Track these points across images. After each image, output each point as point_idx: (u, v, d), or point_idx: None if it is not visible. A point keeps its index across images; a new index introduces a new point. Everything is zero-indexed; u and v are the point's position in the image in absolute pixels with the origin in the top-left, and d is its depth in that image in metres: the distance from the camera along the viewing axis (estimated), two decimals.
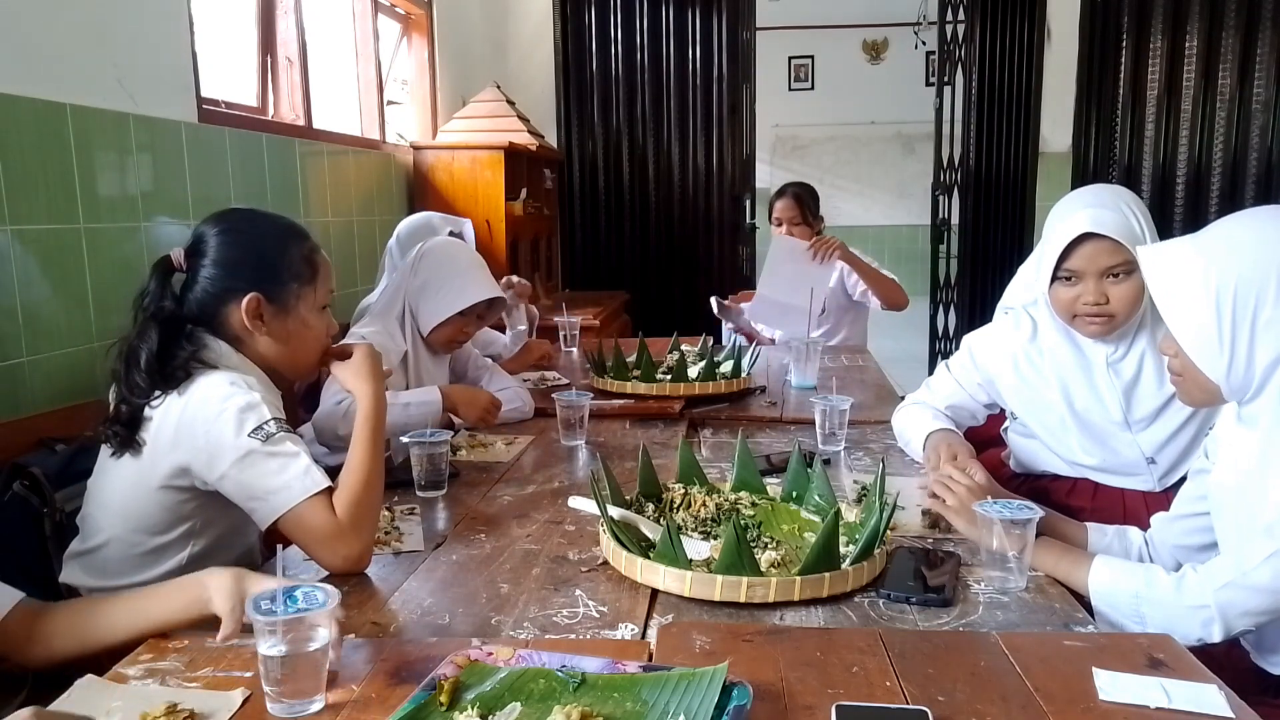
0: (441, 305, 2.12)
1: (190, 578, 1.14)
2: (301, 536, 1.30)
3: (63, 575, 1.44)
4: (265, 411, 1.32)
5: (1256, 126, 4.74)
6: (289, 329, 1.48)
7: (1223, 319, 1.21)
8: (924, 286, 5.58)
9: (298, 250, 1.51)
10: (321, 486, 1.30)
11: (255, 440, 1.30)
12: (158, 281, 1.42)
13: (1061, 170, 5.03)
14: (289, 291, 1.47)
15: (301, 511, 1.28)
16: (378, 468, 1.39)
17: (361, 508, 1.32)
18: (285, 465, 1.30)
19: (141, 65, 2.28)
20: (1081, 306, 1.66)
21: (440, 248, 2.23)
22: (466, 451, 1.96)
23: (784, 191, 3.51)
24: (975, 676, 1.00)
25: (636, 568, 1.26)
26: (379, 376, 1.50)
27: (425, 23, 4.23)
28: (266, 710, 0.94)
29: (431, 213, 2.88)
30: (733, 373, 2.43)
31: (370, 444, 1.39)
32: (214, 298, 1.43)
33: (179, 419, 1.33)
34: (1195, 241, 1.26)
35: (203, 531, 1.42)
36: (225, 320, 1.44)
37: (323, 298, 1.54)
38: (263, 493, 1.30)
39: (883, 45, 9.98)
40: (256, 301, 1.43)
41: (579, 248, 5.42)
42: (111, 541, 1.40)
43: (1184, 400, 1.39)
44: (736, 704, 0.90)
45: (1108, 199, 1.66)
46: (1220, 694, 0.95)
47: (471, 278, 2.18)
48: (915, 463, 1.87)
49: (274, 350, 1.47)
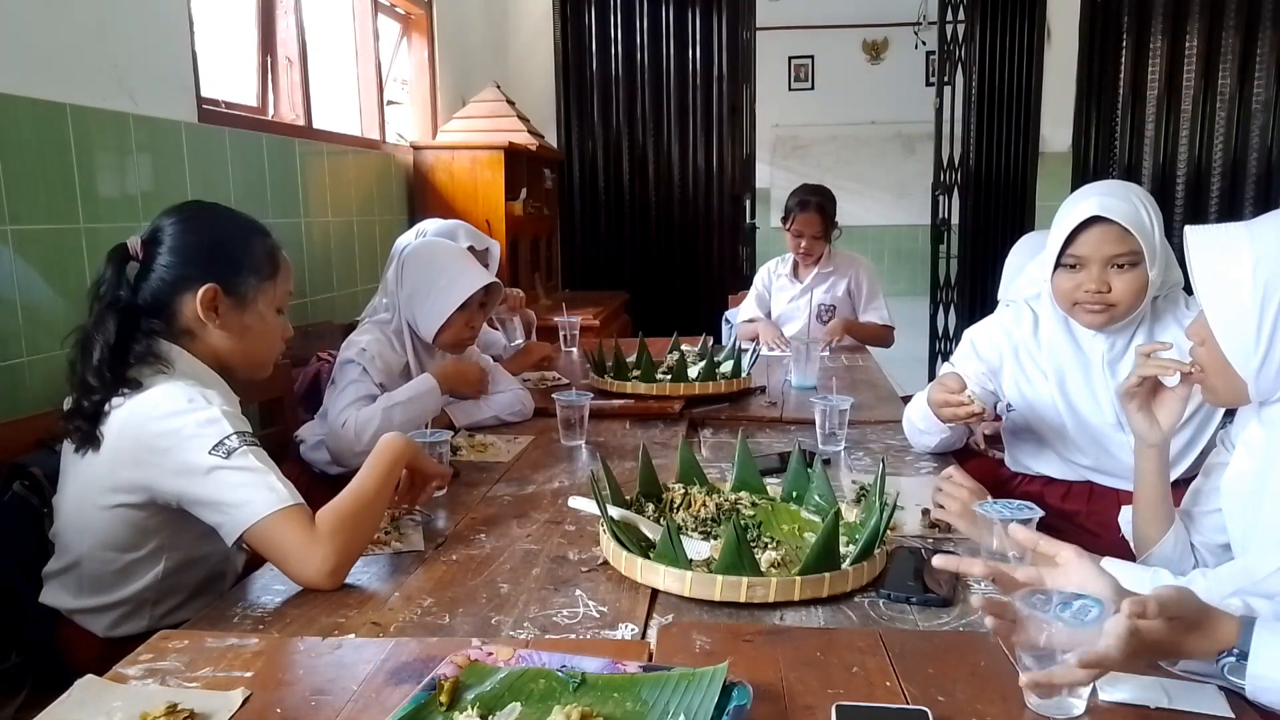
0: (437, 307, 2.08)
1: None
2: (269, 551, 1.26)
3: (42, 595, 1.42)
4: (226, 426, 1.28)
5: (1256, 126, 4.74)
6: (244, 323, 1.44)
7: (1265, 313, 1.16)
8: (924, 286, 5.59)
9: (260, 245, 1.47)
10: (287, 503, 1.25)
11: (217, 457, 1.25)
12: (114, 270, 1.38)
13: (1061, 170, 5.03)
14: (247, 285, 1.43)
15: (267, 526, 1.24)
16: (373, 495, 1.34)
17: (345, 523, 1.27)
18: (248, 480, 1.25)
19: (141, 65, 2.28)
20: (1082, 294, 1.65)
21: (419, 251, 2.18)
22: (467, 451, 1.96)
23: (807, 205, 3.37)
24: (975, 676, 1.00)
25: (636, 568, 1.26)
26: (409, 454, 1.46)
27: (425, 23, 4.23)
28: (267, 708, 0.94)
29: (459, 222, 2.81)
30: (733, 373, 2.43)
31: (374, 474, 1.36)
32: (169, 286, 1.39)
33: (136, 435, 1.29)
34: (1251, 229, 1.21)
35: (174, 544, 1.39)
36: (178, 311, 1.39)
37: (282, 298, 1.50)
38: (226, 508, 1.25)
39: (883, 45, 9.98)
40: (213, 292, 1.39)
41: (579, 248, 5.42)
42: (83, 560, 1.38)
43: (1206, 397, 1.34)
44: (736, 704, 0.90)
45: (1119, 190, 1.66)
46: (1220, 694, 0.95)
47: (458, 271, 2.12)
48: (917, 463, 1.87)
49: (226, 345, 1.43)
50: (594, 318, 3.94)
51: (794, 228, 3.40)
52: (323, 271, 3.24)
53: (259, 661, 1.04)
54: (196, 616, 1.22)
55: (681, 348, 2.68)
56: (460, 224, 2.81)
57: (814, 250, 3.38)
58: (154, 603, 1.41)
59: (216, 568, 1.47)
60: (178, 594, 1.43)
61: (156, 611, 1.41)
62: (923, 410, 1.82)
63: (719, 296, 4.58)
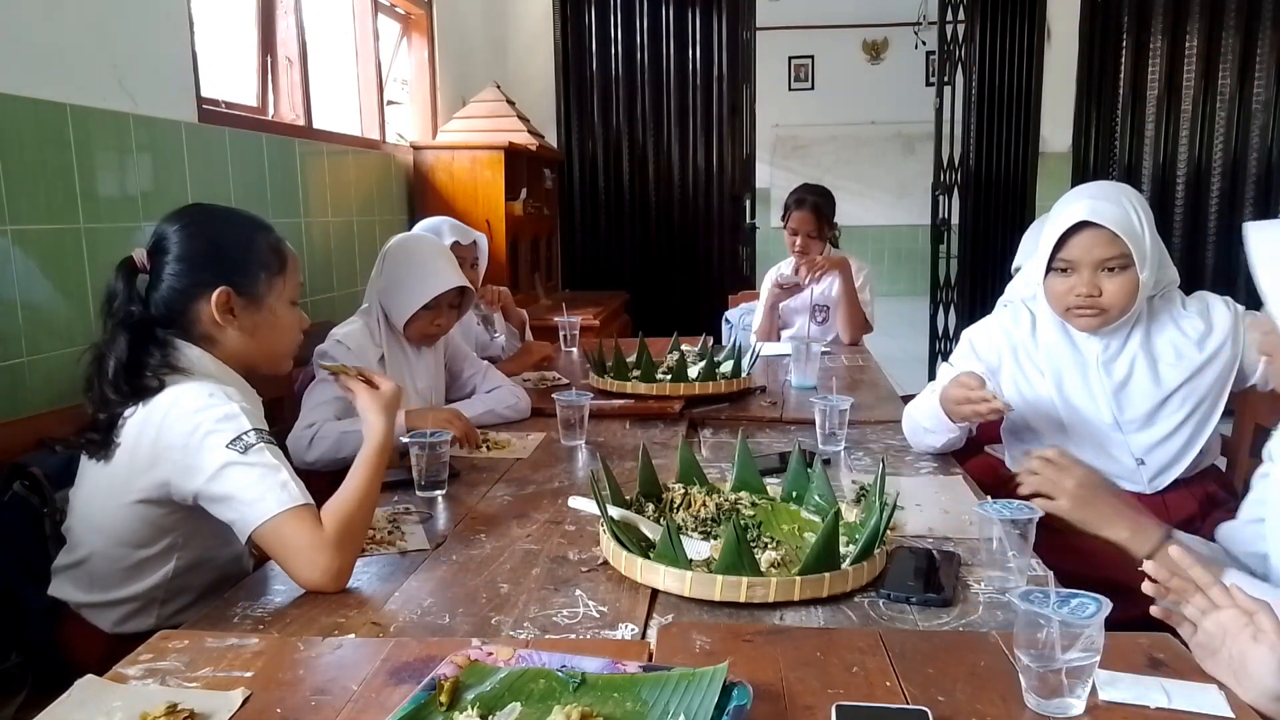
0: (407, 301, 2.11)
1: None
2: (278, 550, 1.26)
3: (51, 588, 1.42)
4: (244, 422, 1.28)
5: (1256, 126, 4.74)
6: (260, 321, 1.45)
7: None
8: (924, 286, 5.59)
9: (264, 240, 1.47)
10: (299, 502, 1.25)
11: (233, 452, 1.26)
12: (124, 284, 1.38)
13: (1061, 170, 5.03)
14: (258, 282, 1.44)
15: (278, 524, 1.24)
16: (373, 495, 1.35)
17: (351, 526, 1.28)
18: (263, 477, 1.25)
19: (141, 65, 2.28)
20: (1074, 298, 1.66)
21: (401, 244, 2.20)
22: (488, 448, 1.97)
23: (803, 202, 3.36)
24: (975, 676, 1.00)
25: (636, 568, 1.26)
26: (393, 413, 1.46)
27: (425, 23, 4.23)
28: (267, 708, 0.94)
29: (445, 218, 2.81)
30: (733, 373, 2.43)
31: (371, 473, 1.36)
32: (181, 295, 1.39)
33: (156, 434, 1.30)
34: None
35: (187, 544, 1.39)
36: (195, 318, 1.40)
37: (292, 291, 1.50)
38: (240, 505, 1.26)
39: (883, 45, 9.98)
40: (226, 295, 1.39)
41: (579, 248, 5.42)
42: (94, 555, 1.38)
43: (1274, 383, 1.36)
44: (736, 704, 0.90)
45: (1110, 193, 1.66)
46: (1220, 694, 0.95)
47: (432, 270, 2.15)
48: (917, 463, 1.87)
49: (245, 345, 1.44)
50: (594, 318, 3.94)
51: (789, 225, 3.41)
52: (323, 272, 3.24)
53: (259, 661, 1.04)
54: (197, 616, 1.22)
55: (681, 348, 2.68)
56: (445, 219, 2.80)
57: (809, 249, 3.37)
58: (162, 601, 1.41)
59: (227, 570, 1.47)
60: (186, 594, 1.43)
61: (165, 611, 1.41)
62: (930, 410, 1.81)
63: (719, 296, 4.58)
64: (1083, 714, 0.92)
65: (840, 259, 3.32)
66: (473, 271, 2.68)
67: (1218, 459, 1.85)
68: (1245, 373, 1.72)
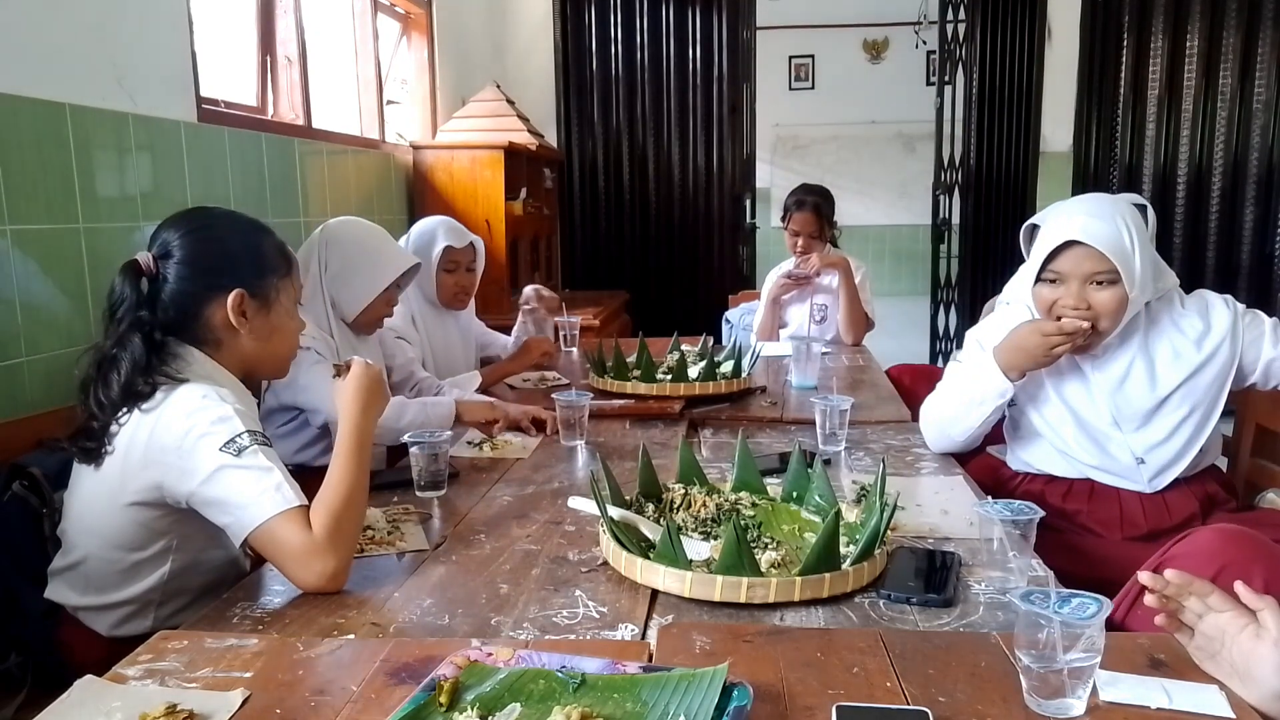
0: (362, 290, 2.10)
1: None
2: (273, 553, 1.25)
3: (47, 591, 1.42)
4: (238, 424, 1.28)
5: (1257, 126, 4.74)
6: (271, 323, 1.45)
7: None
8: (924, 286, 5.59)
9: (269, 243, 1.47)
10: (293, 504, 1.24)
11: (227, 455, 1.25)
12: (131, 287, 1.36)
13: (1062, 170, 5.03)
14: (270, 285, 1.44)
15: (272, 528, 1.23)
16: (360, 488, 1.32)
17: (341, 524, 1.26)
18: (257, 479, 1.24)
19: (141, 65, 2.28)
20: (1061, 309, 1.67)
21: (341, 232, 2.16)
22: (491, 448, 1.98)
23: (804, 204, 3.35)
24: (976, 677, 0.99)
25: (636, 568, 1.26)
26: (370, 395, 1.40)
27: (425, 22, 4.23)
28: (267, 708, 0.94)
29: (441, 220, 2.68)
30: (733, 373, 2.43)
31: (352, 464, 1.32)
32: (193, 299, 1.38)
33: (150, 436, 1.29)
34: None
35: (182, 546, 1.39)
36: (206, 322, 1.39)
37: (298, 292, 1.52)
38: (234, 508, 1.25)
39: (883, 45, 9.97)
40: (241, 297, 1.39)
41: (579, 248, 5.42)
42: (89, 558, 1.38)
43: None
44: (736, 704, 0.90)
45: (1105, 210, 1.66)
46: (1221, 694, 0.94)
47: (383, 256, 2.14)
48: (917, 463, 1.86)
49: (255, 348, 1.44)
50: (594, 318, 3.94)
51: (790, 226, 3.40)
52: None
53: (259, 662, 1.04)
54: (196, 617, 1.22)
55: (681, 348, 2.68)
56: (441, 221, 2.66)
57: (810, 249, 3.36)
58: (158, 604, 1.41)
59: (224, 572, 1.47)
60: (182, 597, 1.43)
61: (161, 613, 1.41)
62: (968, 397, 1.79)
63: (719, 296, 4.59)
64: (1083, 714, 0.91)
65: (840, 258, 3.32)
66: (470, 275, 2.67)
67: (1218, 459, 1.85)
68: (1245, 371, 1.72)
